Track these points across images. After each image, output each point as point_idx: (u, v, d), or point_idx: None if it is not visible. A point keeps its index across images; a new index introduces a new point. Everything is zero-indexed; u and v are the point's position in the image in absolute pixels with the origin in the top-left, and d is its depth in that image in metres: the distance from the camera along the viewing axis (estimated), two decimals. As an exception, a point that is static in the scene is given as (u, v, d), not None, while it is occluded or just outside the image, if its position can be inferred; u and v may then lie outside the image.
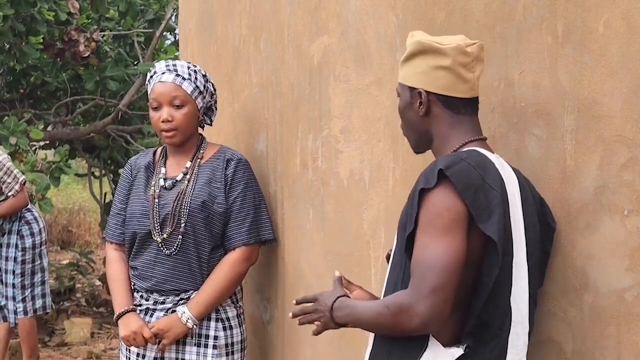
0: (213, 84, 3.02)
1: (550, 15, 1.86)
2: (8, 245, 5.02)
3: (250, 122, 3.36)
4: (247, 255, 2.93)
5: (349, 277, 2.61)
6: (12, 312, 5.07)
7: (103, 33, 7.24)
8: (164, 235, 2.88)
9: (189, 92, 2.89)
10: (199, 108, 2.93)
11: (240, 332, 2.98)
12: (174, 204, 2.88)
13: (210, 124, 3.09)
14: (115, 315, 2.93)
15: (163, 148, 3.05)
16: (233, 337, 2.94)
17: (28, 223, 5.05)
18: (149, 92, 2.94)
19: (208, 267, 2.90)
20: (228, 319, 2.93)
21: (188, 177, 2.93)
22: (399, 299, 1.74)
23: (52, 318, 6.72)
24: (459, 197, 1.72)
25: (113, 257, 3.02)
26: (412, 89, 1.91)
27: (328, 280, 2.74)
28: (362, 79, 2.58)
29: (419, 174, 1.81)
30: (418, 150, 2.00)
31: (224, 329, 2.91)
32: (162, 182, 2.95)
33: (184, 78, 2.89)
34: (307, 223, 2.93)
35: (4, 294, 5.06)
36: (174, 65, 2.92)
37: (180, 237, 2.87)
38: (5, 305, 5.07)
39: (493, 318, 1.77)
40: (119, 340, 2.98)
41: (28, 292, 5.04)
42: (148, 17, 7.44)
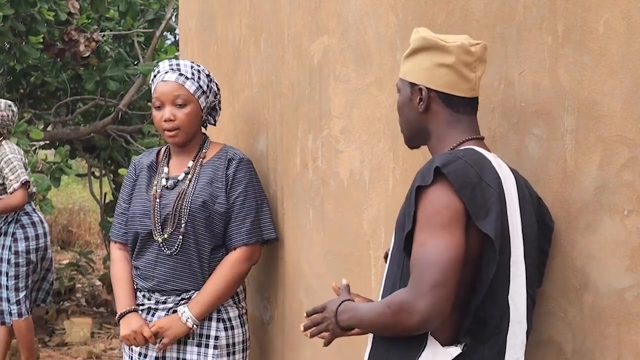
0: (217, 84, 3.02)
1: (550, 15, 1.86)
2: (2, 247, 5.02)
3: (250, 122, 3.36)
4: (248, 255, 2.92)
5: (349, 277, 2.61)
6: (7, 313, 5.07)
7: (103, 33, 7.24)
8: (165, 236, 2.88)
9: (192, 91, 2.89)
10: (202, 108, 2.93)
11: (242, 332, 2.98)
12: (175, 204, 2.88)
13: (214, 124, 3.09)
14: (117, 315, 2.94)
15: (167, 147, 3.06)
16: (234, 337, 2.93)
17: (23, 227, 5.04)
18: (152, 91, 2.95)
19: (209, 267, 2.90)
20: (229, 319, 2.93)
21: (190, 176, 2.93)
22: (399, 297, 1.74)
23: (52, 318, 6.71)
24: (456, 194, 1.72)
25: (117, 256, 3.04)
26: (413, 85, 1.91)
27: (328, 280, 2.74)
28: (362, 79, 2.58)
29: (417, 172, 1.81)
30: (411, 145, 2.01)
31: (225, 329, 2.91)
32: (164, 181, 2.95)
33: (187, 77, 2.89)
34: (307, 223, 2.93)
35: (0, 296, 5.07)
36: (178, 65, 2.92)
37: (181, 237, 2.87)
38: (1, 307, 5.07)
39: (491, 317, 1.77)
40: (121, 340, 2.99)
41: (22, 294, 5.03)
42: (148, 17, 7.44)
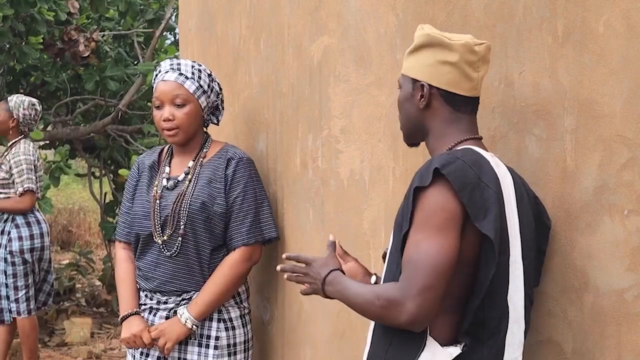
0: (219, 84, 3.01)
1: (550, 15, 1.86)
2: (0, 245, 5.04)
3: (250, 122, 3.36)
4: (247, 256, 2.92)
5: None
6: (6, 311, 5.09)
7: (103, 33, 7.24)
8: (165, 237, 2.88)
9: (192, 91, 2.88)
10: (203, 107, 2.92)
11: (244, 332, 2.97)
12: (174, 206, 2.87)
13: (217, 124, 3.08)
14: (120, 317, 2.95)
15: (169, 147, 3.05)
16: (236, 337, 2.93)
17: (17, 226, 5.04)
18: (154, 90, 2.95)
19: (209, 267, 2.89)
20: (231, 320, 2.93)
21: (189, 177, 2.92)
22: (389, 293, 1.74)
23: (52, 318, 6.71)
24: (455, 195, 1.72)
25: (121, 256, 3.05)
26: (414, 81, 1.91)
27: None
28: (362, 79, 2.58)
29: (415, 173, 1.81)
30: (410, 141, 2.01)
31: (226, 330, 2.91)
32: (164, 182, 2.94)
33: (187, 77, 2.88)
34: (307, 223, 2.92)
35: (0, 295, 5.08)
36: (178, 64, 2.91)
37: (180, 239, 2.86)
38: (1, 304, 5.08)
39: (490, 317, 1.77)
40: (121, 341, 2.99)
41: (22, 293, 5.03)
42: (148, 17, 7.44)
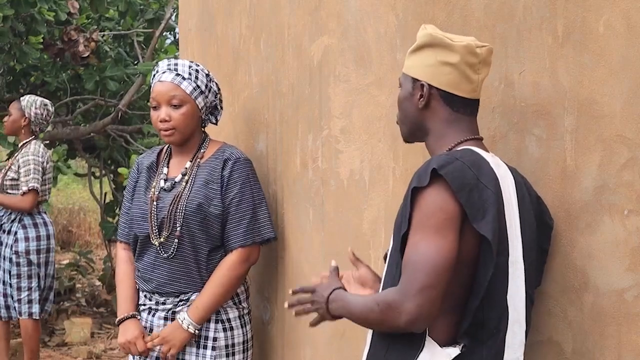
0: (217, 83, 3.00)
1: (550, 15, 1.86)
2: (5, 245, 5.05)
3: (250, 122, 3.36)
4: (245, 257, 2.91)
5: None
6: (12, 308, 5.10)
7: (103, 33, 7.24)
8: (162, 239, 2.88)
9: (188, 91, 2.87)
10: (200, 108, 2.91)
11: (243, 333, 2.97)
12: (170, 207, 2.87)
13: (216, 123, 3.08)
14: (117, 320, 2.96)
15: (168, 147, 3.05)
16: (234, 338, 2.93)
17: (24, 227, 5.06)
18: (151, 90, 2.94)
19: (207, 268, 2.89)
20: (229, 320, 2.92)
21: (186, 178, 2.92)
22: (389, 297, 1.75)
23: (52, 318, 6.71)
24: (453, 196, 1.72)
25: (121, 257, 3.06)
26: (415, 81, 1.91)
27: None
28: (362, 79, 2.58)
29: (414, 174, 1.81)
30: (408, 140, 2.01)
31: (224, 330, 2.91)
32: (162, 183, 2.94)
33: (184, 78, 2.87)
34: (307, 223, 2.92)
35: (2, 292, 5.09)
36: (175, 65, 2.90)
37: (176, 240, 2.86)
38: (6, 302, 5.09)
39: (489, 317, 1.77)
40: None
41: (25, 294, 5.04)
42: (148, 16, 7.44)
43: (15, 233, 5.03)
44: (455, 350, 1.78)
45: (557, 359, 1.88)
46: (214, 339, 2.89)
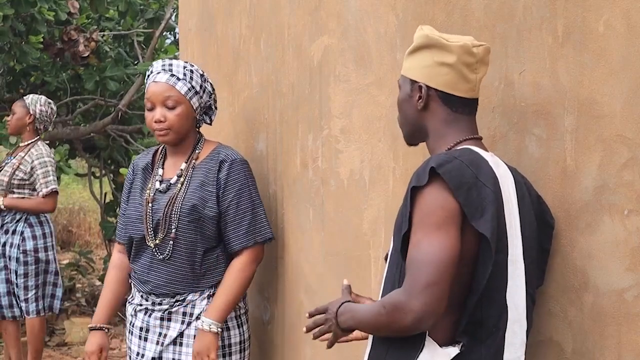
0: (211, 84, 3.00)
1: (550, 15, 1.86)
2: (11, 245, 5.04)
3: (250, 122, 3.36)
4: (253, 257, 2.93)
5: (349, 277, 2.61)
6: (15, 307, 5.10)
7: (103, 33, 7.24)
8: (157, 241, 2.88)
9: (183, 92, 2.86)
10: (195, 108, 2.91)
11: (240, 333, 2.97)
12: (165, 209, 2.87)
13: (210, 123, 3.08)
14: (89, 326, 3.03)
15: (163, 147, 3.05)
16: (230, 338, 2.93)
17: (31, 225, 5.06)
18: (145, 91, 2.94)
19: (202, 269, 2.89)
20: (225, 321, 2.93)
21: (182, 180, 2.91)
22: (394, 297, 1.74)
23: (52, 318, 6.71)
24: (452, 195, 1.72)
25: (113, 261, 3.10)
26: (413, 82, 1.91)
27: (328, 280, 2.75)
28: (362, 79, 2.58)
29: (413, 173, 1.81)
30: (410, 142, 2.01)
31: (221, 330, 2.91)
32: (157, 184, 2.94)
33: (179, 78, 2.87)
34: (307, 223, 2.93)
35: (10, 291, 5.09)
36: (170, 65, 2.89)
37: (172, 242, 2.86)
38: (12, 302, 5.10)
39: (488, 315, 1.77)
40: (124, 338, 3.01)
41: (32, 293, 5.05)
42: (148, 16, 7.44)
43: (22, 232, 5.03)
44: (455, 350, 1.78)
45: (557, 359, 1.88)
46: None
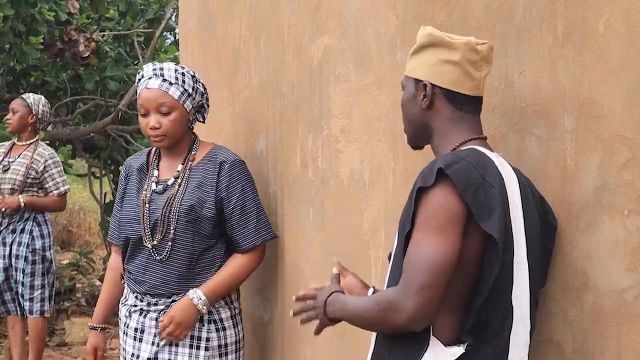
0: (203, 84, 2.99)
1: (550, 15, 1.86)
2: (19, 244, 5.03)
3: (250, 122, 3.36)
4: (260, 255, 2.97)
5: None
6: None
7: (103, 33, 7.24)
8: (154, 242, 2.88)
9: (176, 97, 2.85)
10: (188, 111, 2.90)
11: (235, 332, 2.97)
12: (163, 210, 2.86)
13: (203, 121, 3.08)
14: (89, 325, 3.07)
15: (157, 148, 3.04)
16: (227, 338, 2.93)
17: (39, 225, 5.07)
18: (137, 96, 2.93)
19: (199, 269, 2.89)
20: (221, 320, 2.93)
21: (179, 181, 2.91)
22: (388, 296, 1.75)
23: (52, 318, 6.71)
24: (459, 196, 1.72)
25: (111, 262, 3.11)
26: (417, 82, 1.91)
27: (328, 281, 2.74)
28: (362, 79, 2.58)
29: (419, 173, 1.81)
30: (414, 144, 2.01)
31: (217, 330, 2.91)
32: (154, 185, 2.94)
33: (171, 83, 2.86)
34: (307, 223, 2.93)
35: (16, 290, 5.09)
36: (161, 70, 2.88)
37: (170, 243, 2.86)
38: (15, 300, 5.10)
39: (494, 316, 1.77)
40: (119, 340, 3.02)
41: (37, 292, 5.05)
42: (148, 16, 7.44)
43: (31, 231, 5.03)
44: (460, 350, 1.77)
45: (557, 359, 1.88)
46: (207, 340, 2.89)
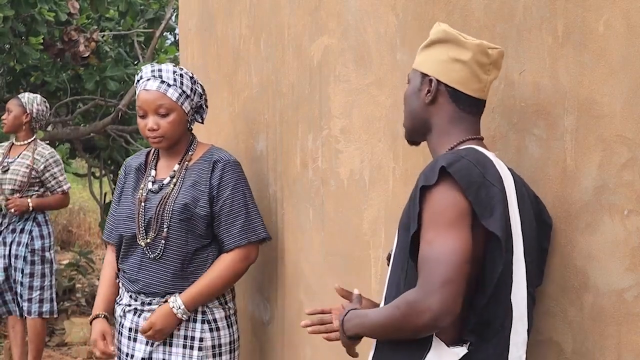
0: (202, 85, 2.99)
1: (550, 15, 1.86)
2: (18, 244, 5.02)
3: (250, 122, 3.36)
4: (243, 256, 2.92)
5: (349, 277, 2.62)
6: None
7: (103, 33, 7.24)
8: (148, 240, 2.88)
9: (174, 99, 2.86)
10: (187, 112, 2.91)
11: (230, 333, 2.97)
12: (157, 209, 2.87)
13: (202, 122, 3.08)
14: (89, 319, 3.02)
15: (156, 149, 3.05)
16: (220, 338, 2.93)
17: (39, 225, 5.06)
18: (136, 97, 2.93)
19: (193, 268, 2.89)
20: (215, 321, 2.92)
21: (174, 180, 2.92)
22: (408, 297, 1.72)
23: (52, 318, 6.71)
24: (463, 194, 1.72)
25: (107, 260, 3.10)
26: (424, 76, 1.91)
27: (328, 281, 2.75)
28: (362, 79, 2.58)
29: (420, 174, 1.81)
30: (411, 139, 2.00)
31: (211, 331, 2.90)
32: (150, 185, 2.95)
33: (169, 85, 2.86)
34: (307, 223, 2.93)
35: (15, 290, 5.08)
36: (159, 71, 2.88)
37: (163, 241, 2.86)
38: (15, 300, 5.09)
39: (495, 315, 1.77)
40: (115, 340, 3.02)
41: (36, 293, 5.04)
42: (148, 17, 7.45)
43: (31, 231, 5.03)
44: (463, 350, 1.76)
45: (557, 359, 1.88)
46: (201, 340, 2.89)
